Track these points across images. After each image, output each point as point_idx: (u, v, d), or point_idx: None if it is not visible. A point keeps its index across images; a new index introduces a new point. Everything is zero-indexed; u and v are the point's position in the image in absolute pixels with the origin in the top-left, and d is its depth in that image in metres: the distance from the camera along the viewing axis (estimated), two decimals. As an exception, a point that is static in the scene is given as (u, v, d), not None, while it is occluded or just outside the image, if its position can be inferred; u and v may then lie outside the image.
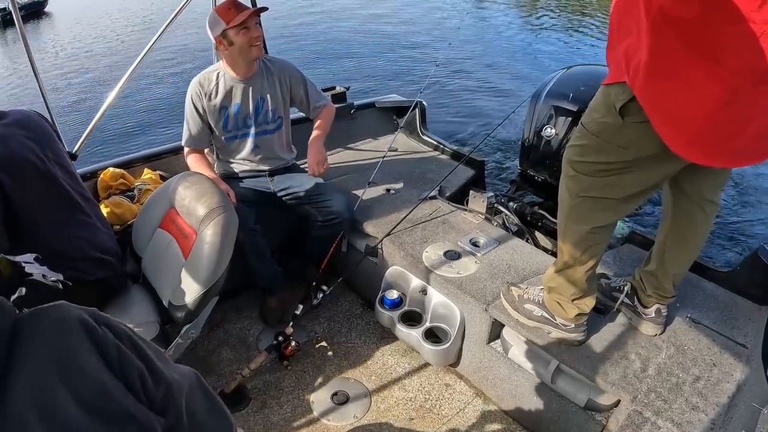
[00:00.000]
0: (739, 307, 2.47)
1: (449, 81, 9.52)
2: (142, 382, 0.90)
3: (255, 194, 3.00)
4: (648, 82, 1.51)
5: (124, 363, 0.87)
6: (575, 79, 3.45)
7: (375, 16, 16.20)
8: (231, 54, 2.74)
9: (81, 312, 0.87)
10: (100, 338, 0.85)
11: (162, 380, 0.94)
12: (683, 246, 2.10)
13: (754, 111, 1.47)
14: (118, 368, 0.86)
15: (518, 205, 3.49)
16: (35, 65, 2.76)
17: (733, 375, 2.08)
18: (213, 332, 3.01)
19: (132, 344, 0.92)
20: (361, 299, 3.30)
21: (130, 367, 0.88)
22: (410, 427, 2.48)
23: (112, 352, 0.86)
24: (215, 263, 2.11)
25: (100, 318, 0.89)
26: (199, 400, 1.05)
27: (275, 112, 2.95)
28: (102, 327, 0.87)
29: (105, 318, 0.90)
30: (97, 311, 0.90)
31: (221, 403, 1.11)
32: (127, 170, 3.12)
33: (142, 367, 0.90)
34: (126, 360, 0.88)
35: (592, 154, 1.82)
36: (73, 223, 2.17)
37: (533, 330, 2.29)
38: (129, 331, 0.94)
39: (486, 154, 6.22)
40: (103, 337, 0.86)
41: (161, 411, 0.93)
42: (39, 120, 2.21)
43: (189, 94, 2.82)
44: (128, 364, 0.88)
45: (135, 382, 0.88)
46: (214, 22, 2.66)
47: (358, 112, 4.14)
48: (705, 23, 1.37)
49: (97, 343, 0.85)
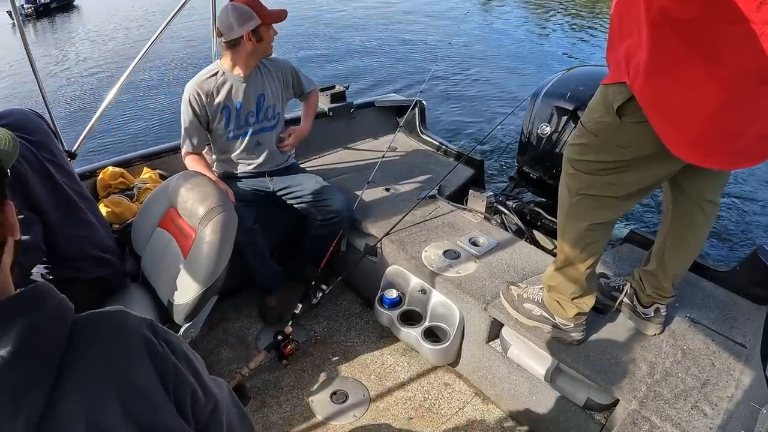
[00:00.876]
0: (739, 307, 2.48)
1: (449, 80, 9.53)
2: (192, 401, 0.88)
3: (254, 193, 3.00)
4: (648, 81, 1.52)
5: (178, 382, 0.86)
6: (575, 80, 3.45)
7: (374, 14, 16.20)
8: (252, 51, 2.75)
9: (142, 323, 0.86)
10: (159, 355, 0.84)
11: (210, 396, 0.93)
12: (683, 246, 2.10)
13: (754, 112, 1.48)
14: (172, 387, 0.84)
15: (517, 204, 3.49)
16: (35, 64, 2.76)
17: (732, 374, 2.08)
18: (212, 331, 3.01)
19: (186, 360, 0.90)
20: (360, 298, 3.30)
21: (183, 386, 0.87)
22: (409, 426, 2.48)
23: (170, 371, 0.84)
24: (214, 262, 2.10)
25: (159, 332, 0.87)
26: (233, 413, 1.04)
27: (274, 108, 2.96)
28: (161, 342, 0.86)
29: (164, 332, 0.89)
30: (155, 323, 0.88)
31: (246, 414, 1.11)
32: (127, 169, 3.12)
33: (194, 385, 0.89)
34: (181, 379, 0.86)
35: (591, 153, 1.83)
36: (71, 222, 2.17)
37: (532, 329, 2.29)
38: (183, 345, 0.92)
39: (485, 153, 6.23)
40: (162, 354, 0.84)
41: (205, 426, 0.92)
42: (36, 119, 2.20)
43: (186, 98, 2.79)
44: (183, 383, 0.86)
45: (186, 401, 0.87)
46: (245, 18, 2.64)
47: (358, 112, 4.14)
48: (705, 23, 1.37)
49: (156, 360, 0.83)
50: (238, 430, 1.04)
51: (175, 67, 10.98)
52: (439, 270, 2.67)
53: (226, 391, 1.04)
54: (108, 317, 0.84)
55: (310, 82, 3.21)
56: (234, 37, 2.68)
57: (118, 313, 0.86)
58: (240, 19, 2.64)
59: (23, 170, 1.95)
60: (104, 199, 2.88)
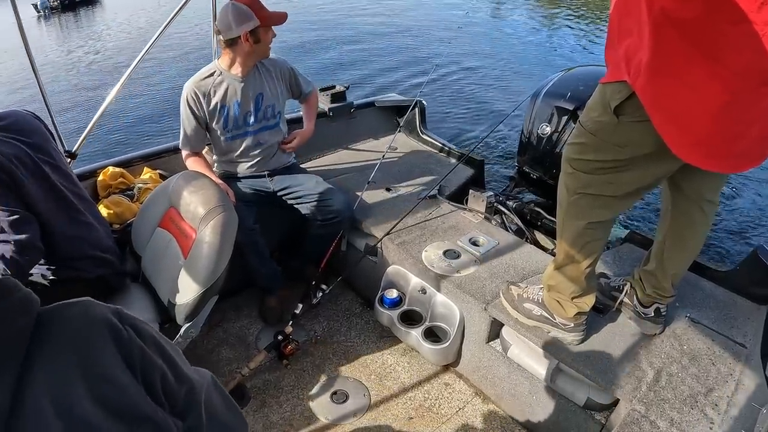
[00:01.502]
0: (738, 307, 2.48)
1: (449, 80, 9.52)
2: (163, 384, 0.90)
3: (254, 194, 3.00)
4: (650, 81, 1.52)
5: (145, 364, 0.88)
6: (575, 80, 3.46)
7: (374, 14, 16.19)
8: (249, 52, 2.75)
9: (106, 310, 0.87)
10: (124, 339, 0.86)
11: (185, 381, 0.95)
12: (682, 246, 2.11)
13: (756, 113, 1.48)
14: (139, 370, 0.86)
15: (518, 204, 3.50)
16: (35, 64, 2.76)
17: (732, 374, 2.08)
18: (212, 331, 3.01)
19: (155, 345, 0.92)
20: (360, 298, 3.30)
21: (151, 369, 0.89)
22: (409, 426, 2.48)
23: (135, 354, 0.86)
24: (215, 262, 2.10)
25: (125, 318, 0.89)
26: (216, 399, 1.06)
27: (273, 107, 2.96)
28: (126, 327, 0.88)
29: (130, 318, 0.90)
30: (122, 310, 0.90)
31: (235, 403, 1.13)
32: (127, 169, 3.12)
33: (164, 368, 0.91)
34: (148, 361, 0.88)
35: (589, 152, 1.83)
36: (69, 223, 2.17)
37: (532, 329, 2.29)
38: (153, 331, 0.94)
39: (486, 153, 6.23)
40: (127, 338, 0.86)
41: (183, 411, 0.94)
42: (33, 121, 2.21)
43: (184, 97, 2.79)
44: (150, 365, 0.88)
45: (156, 384, 0.89)
46: (243, 18, 2.63)
47: (358, 112, 4.14)
48: (707, 23, 1.37)
49: (121, 344, 0.85)
50: (223, 414, 1.06)
51: (176, 67, 10.97)
52: (440, 270, 2.67)
53: (206, 378, 1.06)
54: (72, 307, 0.86)
55: (308, 82, 3.20)
56: (232, 36, 2.67)
57: (82, 303, 0.87)
58: (239, 18, 2.63)
59: (18, 172, 1.95)
60: (104, 199, 2.89)
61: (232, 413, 1.10)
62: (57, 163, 2.19)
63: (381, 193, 3.37)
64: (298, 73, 3.12)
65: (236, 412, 1.12)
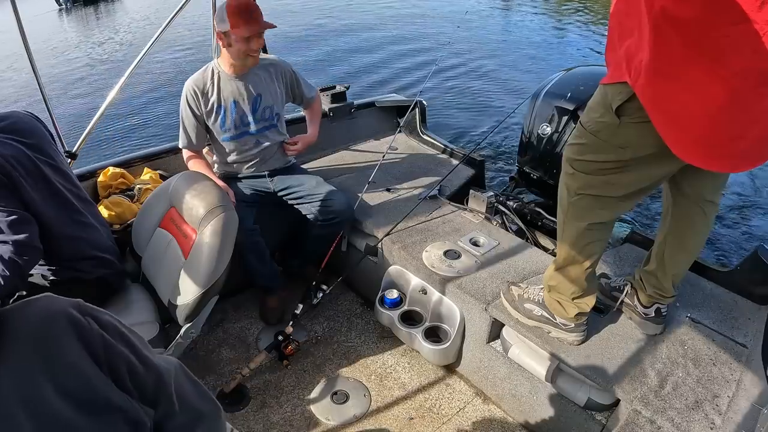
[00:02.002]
0: (739, 307, 2.47)
1: (449, 80, 9.51)
2: (130, 372, 0.90)
3: (254, 194, 3.00)
4: (650, 82, 1.52)
5: (110, 354, 0.87)
6: (575, 80, 3.45)
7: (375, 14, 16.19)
8: (228, 53, 2.74)
9: (66, 304, 0.87)
10: (85, 330, 0.85)
11: (152, 368, 0.95)
12: (683, 246, 2.10)
13: (756, 113, 1.48)
14: (104, 360, 0.86)
15: (518, 204, 3.49)
16: (35, 64, 2.76)
17: (733, 374, 2.08)
18: (213, 332, 3.01)
19: (119, 335, 0.92)
20: (360, 299, 3.30)
21: (116, 358, 0.88)
22: (410, 426, 2.48)
23: (98, 344, 0.86)
24: (215, 263, 2.10)
25: (85, 309, 0.89)
26: (187, 386, 1.06)
27: (272, 109, 2.95)
28: (87, 318, 0.87)
29: (91, 309, 0.90)
30: (82, 302, 0.90)
31: (206, 388, 1.13)
32: (127, 169, 3.12)
33: (129, 357, 0.91)
34: (112, 351, 0.88)
35: (590, 153, 1.83)
36: (69, 224, 2.18)
37: (533, 329, 2.29)
38: (115, 321, 0.94)
39: (486, 153, 6.22)
40: (89, 329, 0.86)
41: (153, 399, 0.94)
42: (31, 122, 2.21)
43: (184, 96, 2.80)
44: (114, 355, 0.88)
45: (122, 373, 0.89)
46: (220, 18, 2.63)
47: (358, 112, 4.14)
48: (707, 23, 1.37)
49: (82, 335, 0.85)
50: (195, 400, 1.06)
51: (176, 67, 10.96)
52: (440, 270, 2.67)
53: (173, 365, 1.05)
54: (32, 304, 0.86)
55: (311, 88, 3.19)
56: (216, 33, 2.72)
57: (42, 299, 0.87)
58: (218, 16, 2.66)
59: (16, 173, 1.95)
60: (105, 200, 2.89)
61: (204, 399, 1.10)
62: (57, 163, 2.20)
63: (381, 193, 3.37)
64: (300, 78, 3.10)
65: (208, 398, 1.12)
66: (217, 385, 2.64)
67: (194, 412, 1.05)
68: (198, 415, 1.07)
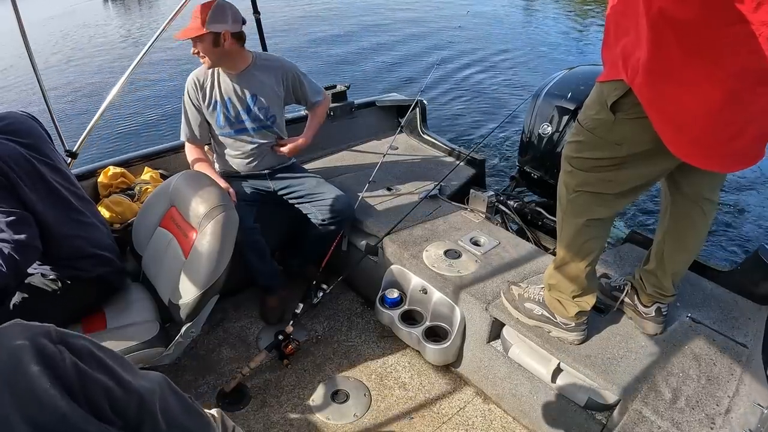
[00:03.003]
0: (740, 307, 2.47)
1: (450, 80, 9.51)
2: (109, 399, 0.86)
3: (255, 193, 3.00)
4: (647, 81, 1.53)
5: (85, 383, 0.83)
6: (576, 79, 3.45)
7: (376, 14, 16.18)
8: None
9: (34, 333, 0.82)
10: (56, 361, 0.81)
11: (132, 391, 0.90)
12: (682, 245, 2.11)
13: (753, 112, 1.49)
14: (78, 390, 0.81)
15: (519, 204, 3.49)
16: (36, 64, 2.76)
17: (734, 374, 2.08)
18: (213, 331, 3.01)
19: (94, 359, 0.87)
20: (361, 298, 3.30)
21: (92, 386, 0.84)
22: (410, 425, 2.48)
23: (71, 376, 0.81)
24: (215, 262, 2.11)
25: (56, 336, 0.84)
26: (173, 403, 1.01)
27: (269, 109, 2.95)
28: (58, 347, 0.83)
29: (62, 335, 0.86)
30: (53, 328, 0.85)
31: (195, 403, 1.09)
32: (128, 169, 3.12)
33: (107, 383, 0.86)
34: (87, 379, 0.83)
35: (587, 150, 1.84)
36: (68, 222, 2.18)
37: (533, 329, 2.29)
38: (90, 344, 0.89)
39: (487, 153, 6.22)
40: (61, 359, 0.81)
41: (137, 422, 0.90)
42: (28, 122, 2.21)
43: (186, 89, 2.84)
44: (90, 383, 0.84)
45: (100, 401, 0.84)
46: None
47: (359, 111, 4.14)
48: (704, 24, 1.38)
49: (55, 368, 0.80)
50: (182, 418, 1.02)
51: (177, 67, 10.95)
52: (440, 270, 2.67)
53: (156, 382, 1.00)
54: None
55: (317, 92, 3.17)
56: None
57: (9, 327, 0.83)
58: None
59: (12, 173, 1.96)
60: (105, 199, 2.89)
61: (191, 416, 1.06)
62: (54, 163, 2.20)
63: (382, 192, 3.37)
64: (306, 80, 3.09)
65: (195, 413, 1.07)
66: (217, 385, 2.64)
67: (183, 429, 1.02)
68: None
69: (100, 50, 14.02)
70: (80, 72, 11.81)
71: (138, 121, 8.44)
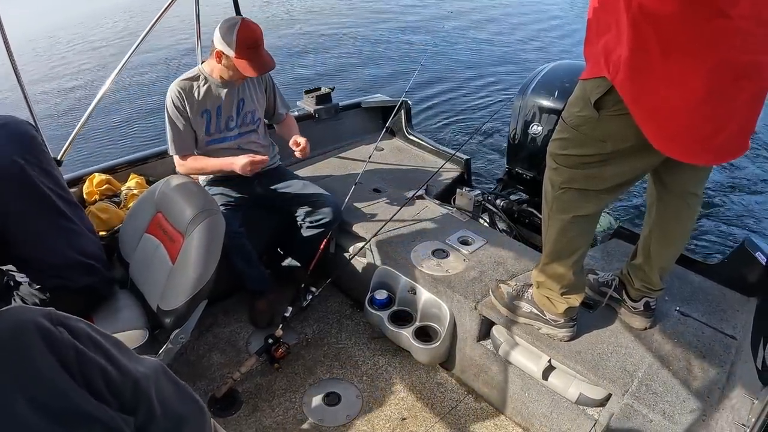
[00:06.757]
0: (727, 299, 2.49)
1: (434, 80, 9.52)
2: (105, 380, 0.88)
3: (241, 196, 2.98)
4: (628, 77, 1.54)
5: (83, 363, 0.85)
6: (560, 76, 3.46)
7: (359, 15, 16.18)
8: (220, 67, 2.73)
9: (35, 314, 0.85)
10: (56, 340, 0.83)
11: (128, 374, 0.93)
12: (668, 239, 2.12)
13: (735, 106, 1.51)
14: (76, 369, 0.84)
15: (505, 202, 3.50)
16: (18, 70, 2.73)
17: (723, 366, 2.10)
18: (203, 336, 3.00)
19: (92, 342, 0.90)
20: (350, 300, 3.30)
21: (90, 367, 0.86)
22: (402, 426, 2.48)
23: (70, 354, 0.84)
24: (203, 267, 2.09)
25: (55, 318, 0.87)
26: (168, 389, 1.04)
27: (254, 113, 2.95)
28: (58, 328, 0.85)
29: (62, 317, 0.88)
30: (53, 311, 0.88)
31: (190, 390, 1.11)
32: (113, 175, 3.10)
33: (103, 365, 0.89)
34: (85, 359, 0.86)
35: (572, 147, 1.85)
36: (56, 229, 2.15)
37: (523, 326, 2.30)
38: (88, 328, 0.92)
39: (472, 152, 6.23)
40: (60, 338, 0.84)
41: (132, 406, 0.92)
42: (19, 124, 2.19)
43: (170, 99, 2.76)
44: (88, 363, 0.86)
45: (97, 381, 0.87)
46: (226, 39, 2.61)
47: (344, 113, 4.14)
48: (683, 19, 1.39)
49: (53, 345, 0.83)
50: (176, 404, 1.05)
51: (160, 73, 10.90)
52: (429, 269, 2.67)
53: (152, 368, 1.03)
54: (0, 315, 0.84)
55: (285, 104, 3.17)
56: (215, 45, 2.68)
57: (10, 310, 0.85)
58: (222, 32, 2.63)
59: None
60: (91, 206, 2.87)
61: (186, 402, 1.08)
62: (46, 167, 2.17)
63: (368, 194, 3.37)
64: (278, 91, 3.11)
65: (190, 400, 1.10)
66: (208, 390, 2.63)
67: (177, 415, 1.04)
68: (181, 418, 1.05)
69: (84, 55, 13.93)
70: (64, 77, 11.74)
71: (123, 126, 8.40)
